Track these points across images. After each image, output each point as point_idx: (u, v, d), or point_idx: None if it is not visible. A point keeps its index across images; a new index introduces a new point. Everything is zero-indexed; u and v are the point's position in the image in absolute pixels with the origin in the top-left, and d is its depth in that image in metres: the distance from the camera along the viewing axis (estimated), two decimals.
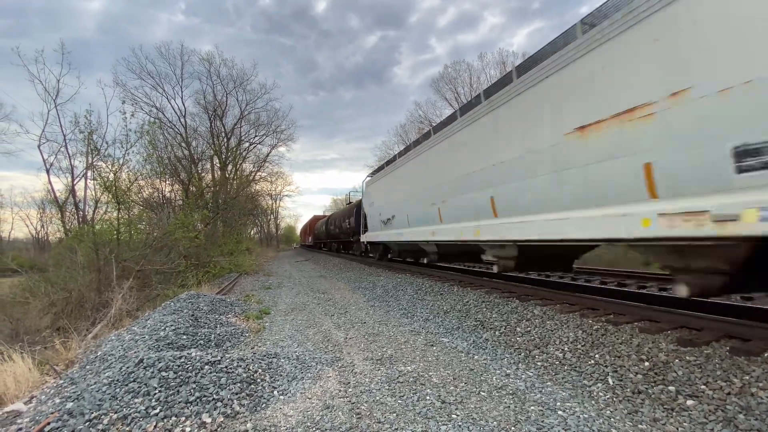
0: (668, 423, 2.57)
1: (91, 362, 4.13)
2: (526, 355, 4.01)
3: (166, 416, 2.71)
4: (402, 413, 2.78)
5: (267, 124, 30.58)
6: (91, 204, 15.13)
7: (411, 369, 3.69)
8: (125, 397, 2.86)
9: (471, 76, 32.67)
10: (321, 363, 3.91)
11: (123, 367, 3.27)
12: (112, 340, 4.80)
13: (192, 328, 4.97)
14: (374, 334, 5.06)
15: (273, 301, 8.08)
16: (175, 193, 21.77)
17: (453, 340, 4.75)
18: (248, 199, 28.33)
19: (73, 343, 5.41)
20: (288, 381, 3.41)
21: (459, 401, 2.96)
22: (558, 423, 2.58)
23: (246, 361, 3.51)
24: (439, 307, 6.26)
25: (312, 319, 6.23)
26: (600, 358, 3.50)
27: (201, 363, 3.28)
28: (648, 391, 2.92)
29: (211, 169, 27.09)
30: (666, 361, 3.14)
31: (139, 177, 12.93)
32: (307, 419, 2.74)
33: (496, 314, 5.21)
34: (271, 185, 37.10)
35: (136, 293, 8.76)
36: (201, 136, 26.96)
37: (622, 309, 4.45)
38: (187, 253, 12.60)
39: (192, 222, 13.58)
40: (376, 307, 7.00)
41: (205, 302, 6.44)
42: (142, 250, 10.30)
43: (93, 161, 12.08)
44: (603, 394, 3.03)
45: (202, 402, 2.87)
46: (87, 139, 11.30)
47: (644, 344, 3.45)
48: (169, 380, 3.03)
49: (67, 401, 2.93)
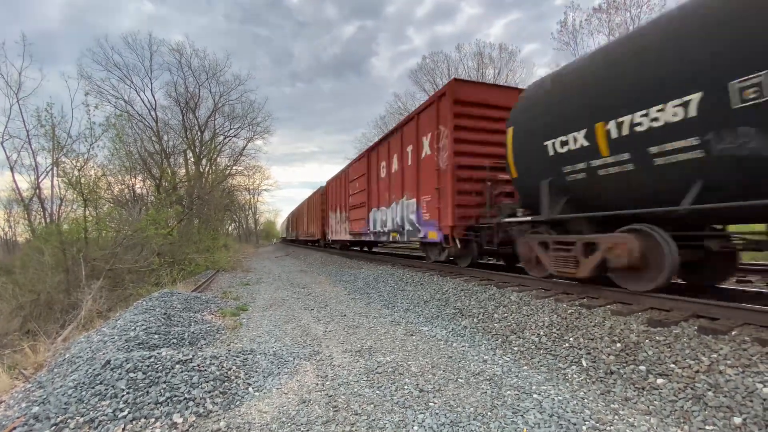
0: (639, 402, 2.64)
1: (59, 365, 3.96)
2: (503, 341, 4.06)
3: (135, 418, 2.61)
4: (379, 404, 2.76)
5: (242, 116, 29.76)
6: (58, 202, 14.46)
7: (390, 359, 3.67)
8: (92, 400, 2.74)
9: (449, 67, 32.72)
10: (299, 357, 3.85)
11: (90, 369, 3.12)
12: (81, 342, 4.60)
13: (164, 327, 4.80)
14: (354, 327, 5.03)
15: (251, 298, 7.93)
16: (147, 189, 21.04)
17: (432, 328, 4.77)
18: (224, 194, 27.67)
19: (42, 346, 5.18)
20: (264, 377, 3.34)
21: (437, 389, 2.96)
22: (533, 406, 2.61)
23: (219, 358, 3.41)
24: (419, 297, 6.28)
25: (291, 314, 6.14)
26: (574, 341, 3.57)
27: (172, 362, 3.16)
28: (620, 371, 2.99)
29: (184, 164, 26.25)
30: (637, 341, 3.23)
31: (107, 173, 12.41)
32: (282, 414, 2.68)
33: (474, 302, 5.25)
34: (248, 179, 36.43)
35: (107, 293, 8.44)
36: (173, 130, 26.00)
37: (595, 293, 4.55)
38: (161, 250, 12.21)
39: (164, 218, 13.15)
40: (356, 300, 6.96)
41: (179, 300, 6.24)
42: (112, 249, 9.92)
43: (57, 157, 11.50)
44: (577, 376, 3.09)
45: (173, 402, 2.77)
46: (50, 133, 10.75)
47: (616, 326, 3.54)
48: (137, 381, 2.91)
49: (33, 405, 2.81)
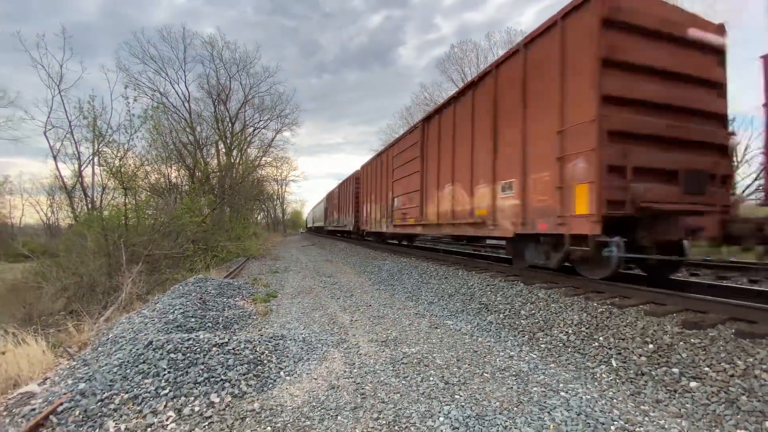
0: (671, 404, 2.58)
1: (102, 344, 4.23)
2: (530, 338, 4.03)
3: (176, 396, 2.78)
4: (405, 393, 2.82)
5: (271, 108, 30.34)
6: (99, 190, 15.28)
7: (415, 351, 3.73)
8: (135, 378, 2.93)
9: (478, 56, 31.87)
10: (327, 344, 3.97)
11: (133, 349, 3.34)
12: (123, 323, 4.90)
13: (200, 311, 5.05)
14: (379, 317, 5.12)
15: (280, 285, 8.18)
16: (182, 179, 21.87)
17: (457, 322, 4.79)
18: (254, 184, 28.37)
19: (86, 326, 5.55)
20: (294, 362, 3.47)
21: (462, 382, 3.00)
22: (560, 404, 2.60)
23: (253, 342, 3.57)
24: (443, 291, 6.29)
25: (318, 302, 6.30)
26: (604, 340, 3.51)
27: (209, 345, 3.34)
28: (651, 372, 2.93)
29: (216, 155, 27.07)
30: (670, 343, 3.14)
31: (144, 162, 12.99)
32: (312, 399, 2.80)
33: (501, 297, 5.22)
34: (276, 170, 37.12)
35: (145, 277, 8.91)
36: (205, 121, 26.84)
37: (627, 292, 4.43)
38: (195, 237, 12.74)
39: (198, 207, 13.68)
40: (381, 291, 7.05)
41: (213, 286, 6.53)
42: (150, 235, 10.43)
43: (99, 147, 12.14)
44: (606, 376, 3.05)
45: (211, 382, 2.94)
46: (92, 124, 11.34)
47: (649, 327, 3.45)
48: (177, 362, 3.10)
49: (80, 382, 2.98)
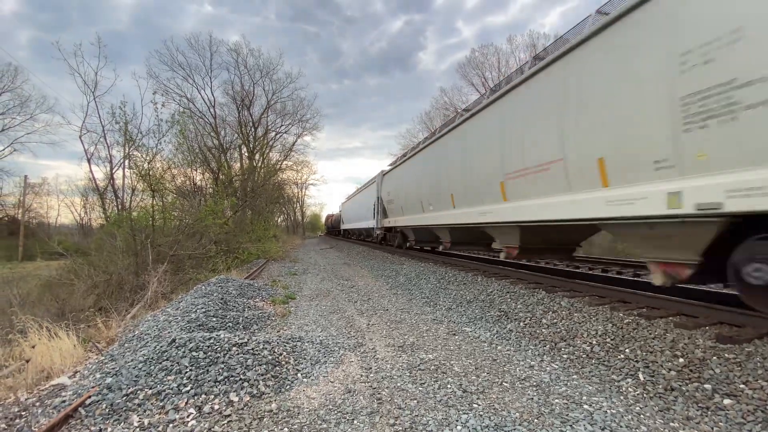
0: (702, 422, 2.45)
1: (129, 341, 4.37)
2: (552, 348, 3.92)
3: (197, 393, 2.84)
4: (422, 400, 2.79)
5: (292, 113, 31.03)
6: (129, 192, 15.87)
7: (432, 357, 3.69)
8: (159, 374, 3.01)
9: (499, 59, 31.63)
10: (343, 348, 3.98)
11: (157, 346, 3.43)
12: (149, 321, 5.05)
13: (221, 310, 5.16)
14: (396, 322, 5.09)
15: (298, 287, 8.27)
16: (206, 182, 22.48)
17: (476, 329, 4.71)
18: (275, 187, 28.90)
19: (114, 322, 5.75)
20: (311, 364, 3.49)
21: (481, 391, 2.94)
22: (584, 417, 2.51)
23: (272, 343, 3.61)
24: (462, 297, 6.21)
25: (336, 305, 6.33)
26: (630, 353, 3.37)
27: (229, 344, 3.40)
28: (682, 388, 2.79)
29: (239, 158, 27.78)
30: (702, 358, 2.99)
31: (171, 166, 13.42)
32: (329, 402, 2.80)
33: (521, 305, 5.11)
34: (296, 174, 37.76)
35: (170, 277, 9.17)
36: (229, 126, 27.62)
37: (656, 303, 4.26)
38: (218, 239, 13.05)
39: (221, 209, 14.02)
40: (398, 295, 7.02)
41: (234, 286, 6.66)
42: (176, 236, 10.75)
43: (129, 151, 12.63)
44: (632, 390, 2.93)
45: (230, 381, 2.98)
46: (123, 129, 11.81)
47: (679, 340, 3.29)
48: (199, 360, 3.16)
49: (107, 376, 3.09)
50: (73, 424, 2.54)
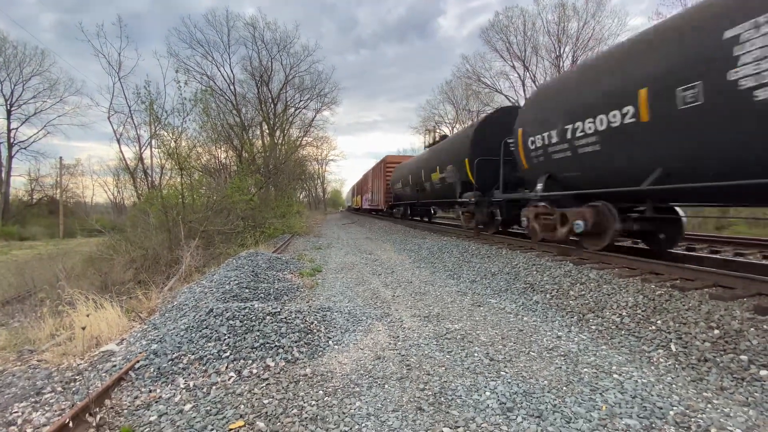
0: (737, 392, 2.42)
1: (169, 311, 4.63)
2: (579, 319, 3.91)
3: (236, 359, 3.01)
4: (450, 367, 2.86)
5: (311, 87, 30.83)
6: (158, 170, 16.39)
7: (458, 327, 3.75)
8: (200, 341, 3.20)
9: (525, 22, 29.97)
10: (371, 318, 4.09)
11: (196, 315, 3.63)
12: (185, 293, 5.33)
13: (253, 282, 5.37)
14: (421, 293, 5.17)
15: (324, 260, 8.46)
16: (230, 159, 22.90)
17: (501, 301, 4.73)
18: (296, 163, 29.15)
19: (153, 294, 6.09)
20: (341, 332, 3.62)
21: (508, 360, 2.98)
22: (613, 386, 2.53)
23: (303, 313, 3.75)
24: (486, 269, 6.21)
25: (361, 277, 6.47)
26: (662, 324, 3.32)
27: (263, 314, 3.56)
28: (716, 359, 2.75)
29: (260, 135, 28.02)
30: (739, 329, 2.92)
31: (197, 144, 13.69)
32: (360, 368, 2.92)
33: (548, 277, 5.07)
34: (317, 150, 37.94)
35: (202, 251, 9.56)
36: (250, 103, 27.76)
37: (690, 274, 4.13)
38: (244, 215, 13.40)
39: (247, 186, 14.31)
40: (422, 268, 7.09)
41: (263, 260, 6.89)
42: (204, 213, 11.10)
43: (156, 130, 12.94)
44: (664, 361, 2.90)
45: (266, 348, 3.14)
46: (148, 109, 12.06)
47: (715, 311, 3.21)
48: (236, 328, 3.33)
49: (152, 343, 3.31)
50: (125, 386, 2.75)
